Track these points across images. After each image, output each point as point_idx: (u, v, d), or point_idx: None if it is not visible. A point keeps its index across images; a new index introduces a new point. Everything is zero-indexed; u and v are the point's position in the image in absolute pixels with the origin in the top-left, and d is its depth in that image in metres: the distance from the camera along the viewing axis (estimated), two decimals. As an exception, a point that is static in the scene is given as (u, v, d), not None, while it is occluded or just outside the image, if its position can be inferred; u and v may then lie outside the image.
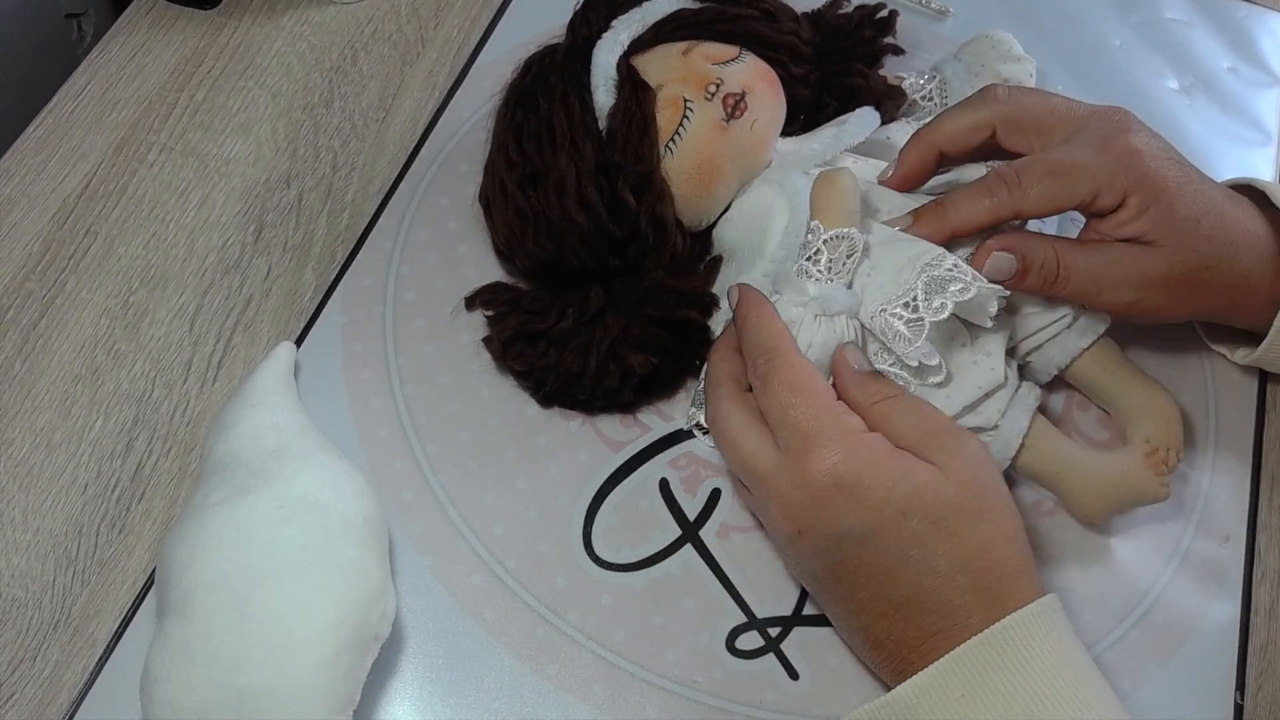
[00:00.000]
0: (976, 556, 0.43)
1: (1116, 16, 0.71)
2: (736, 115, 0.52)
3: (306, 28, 0.66)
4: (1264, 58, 0.70)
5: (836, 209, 0.48)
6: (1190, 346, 0.58)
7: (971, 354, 0.49)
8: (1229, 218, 0.50)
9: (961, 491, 0.43)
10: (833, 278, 0.48)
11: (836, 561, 0.44)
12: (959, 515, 0.43)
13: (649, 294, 0.51)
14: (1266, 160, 0.66)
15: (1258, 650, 0.51)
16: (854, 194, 0.48)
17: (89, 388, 0.53)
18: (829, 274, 0.48)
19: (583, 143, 0.51)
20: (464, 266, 0.57)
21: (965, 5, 0.70)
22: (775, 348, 0.46)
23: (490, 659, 0.48)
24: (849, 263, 0.48)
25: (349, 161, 0.61)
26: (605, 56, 0.53)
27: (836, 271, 0.48)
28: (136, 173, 0.60)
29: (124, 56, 0.64)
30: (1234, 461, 0.55)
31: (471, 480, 0.51)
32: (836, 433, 0.44)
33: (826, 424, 0.44)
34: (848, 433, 0.44)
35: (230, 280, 0.57)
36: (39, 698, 0.46)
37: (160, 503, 0.50)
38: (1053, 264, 0.48)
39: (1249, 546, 0.53)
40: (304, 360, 0.54)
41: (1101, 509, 0.50)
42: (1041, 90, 0.53)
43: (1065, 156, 0.49)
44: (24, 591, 0.48)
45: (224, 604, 0.42)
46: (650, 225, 0.51)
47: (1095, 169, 0.48)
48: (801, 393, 0.45)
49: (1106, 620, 0.50)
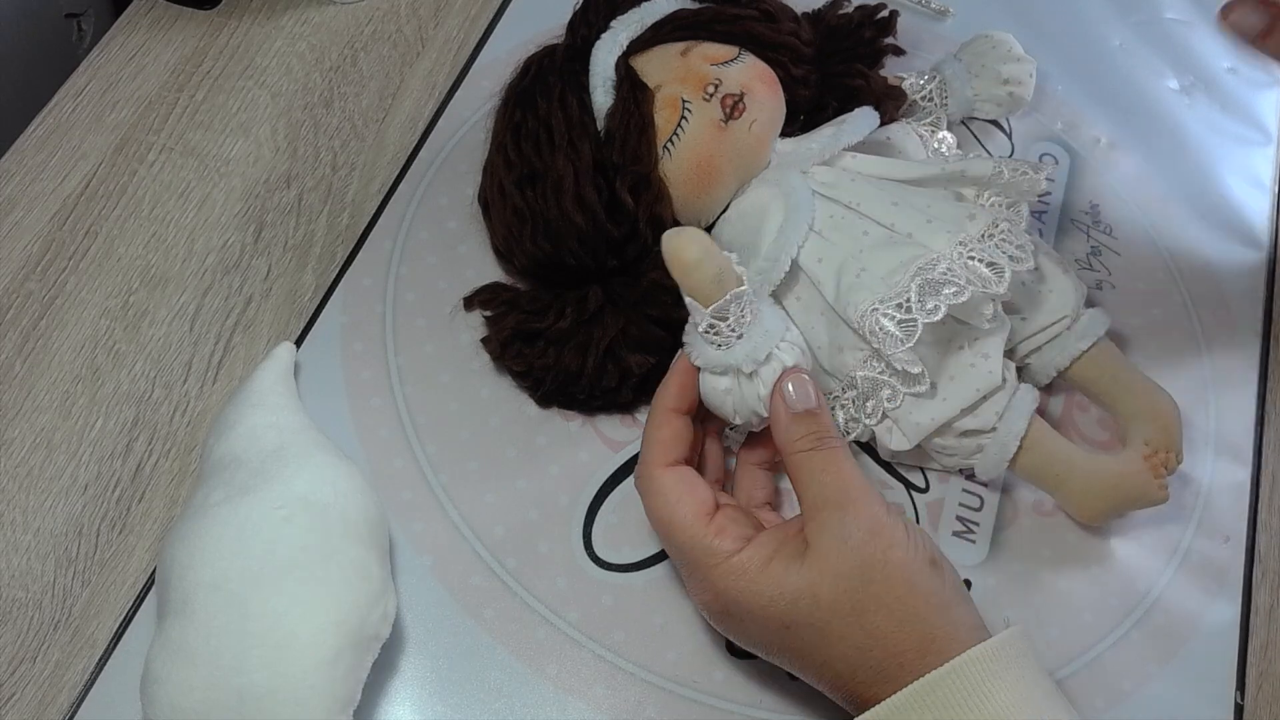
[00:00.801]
0: (870, 650, 0.41)
1: (1116, 16, 0.71)
2: (735, 116, 0.52)
3: (306, 28, 0.66)
4: (1264, 58, 0.70)
5: (701, 283, 0.45)
6: (1190, 348, 0.58)
7: (969, 356, 0.49)
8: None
9: (839, 589, 0.42)
10: (744, 330, 0.46)
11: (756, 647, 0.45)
12: (840, 617, 0.42)
13: (647, 294, 0.51)
14: (1266, 160, 0.66)
15: (1258, 650, 0.51)
16: (707, 258, 0.45)
17: (89, 388, 0.53)
18: (736, 333, 0.46)
19: (581, 143, 0.51)
20: (464, 266, 0.57)
21: (965, 5, 0.70)
22: (644, 461, 0.46)
23: (490, 659, 0.48)
24: (749, 308, 0.46)
25: (349, 161, 0.61)
26: (604, 57, 0.53)
27: (743, 324, 0.46)
28: (136, 173, 0.60)
29: (124, 56, 0.64)
30: (1234, 462, 0.55)
31: (471, 480, 0.51)
32: (706, 567, 0.44)
33: (696, 559, 0.44)
34: (717, 566, 0.43)
35: (230, 280, 0.57)
36: (39, 698, 0.46)
37: (160, 503, 0.50)
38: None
39: (1249, 546, 0.53)
40: (304, 360, 0.54)
41: (1101, 511, 0.50)
42: None
43: None
44: (24, 591, 0.48)
45: (224, 604, 0.42)
46: (648, 226, 0.51)
47: None
48: (667, 527, 0.45)
49: (1106, 620, 0.50)
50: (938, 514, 0.52)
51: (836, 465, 0.44)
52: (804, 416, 0.45)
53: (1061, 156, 0.64)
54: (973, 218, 0.49)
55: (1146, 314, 0.59)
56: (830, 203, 0.51)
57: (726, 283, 0.45)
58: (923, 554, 0.43)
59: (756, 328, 0.46)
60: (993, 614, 0.50)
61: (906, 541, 0.42)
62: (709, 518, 0.44)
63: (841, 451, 0.44)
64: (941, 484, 0.53)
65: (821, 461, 0.44)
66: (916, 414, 0.49)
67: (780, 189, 0.52)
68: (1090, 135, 0.65)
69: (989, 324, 0.49)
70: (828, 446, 0.44)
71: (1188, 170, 0.65)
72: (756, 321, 0.46)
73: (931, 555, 0.43)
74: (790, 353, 0.46)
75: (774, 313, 0.47)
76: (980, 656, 0.41)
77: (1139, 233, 0.62)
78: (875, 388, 0.50)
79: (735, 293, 0.45)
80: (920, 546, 0.43)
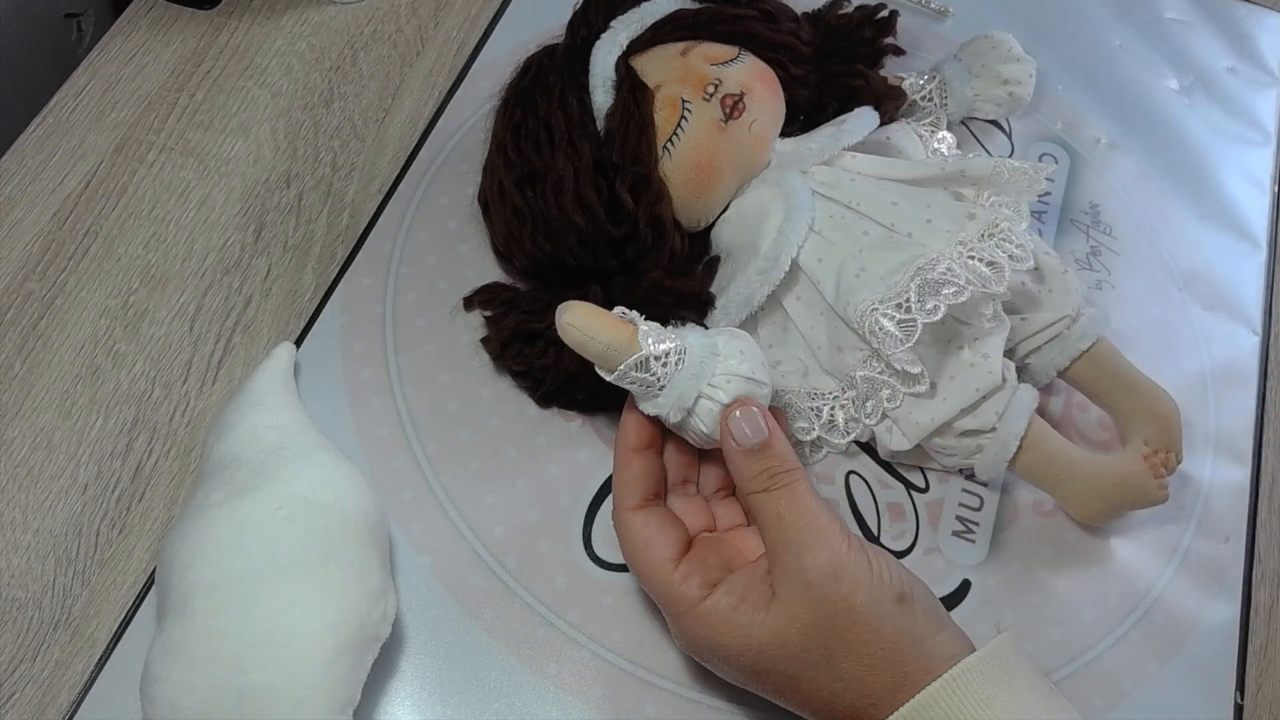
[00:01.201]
0: (843, 694, 0.41)
1: (1116, 16, 0.71)
2: (735, 116, 0.52)
3: (306, 28, 0.66)
4: (1264, 58, 0.70)
5: (596, 358, 0.45)
6: (1190, 348, 0.58)
7: (969, 356, 0.49)
8: None
9: (806, 638, 0.41)
10: (665, 382, 0.44)
11: None
12: (810, 665, 0.42)
13: (648, 294, 0.51)
14: (1266, 160, 0.66)
15: (1258, 650, 0.51)
16: (588, 340, 0.44)
17: (89, 388, 0.53)
18: (659, 384, 0.44)
19: (580, 143, 0.51)
20: (464, 266, 0.57)
21: (965, 5, 0.70)
22: (615, 504, 0.46)
23: (490, 659, 0.48)
24: (659, 364, 0.44)
25: (349, 161, 0.61)
26: (604, 57, 0.53)
27: (662, 377, 0.44)
28: (136, 173, 0.60)
29: (124, 56, 0.64)
30: (1234, 461, 0.55)
31: (471, 480, 0.51)
32: (675, 613, 0.44)
33: (667, 603, 0.44)
34: (685, 613, 0.43)
35: (230, 280, 0.57)
36: (39, 698, 0.46)
37: (160, 503, 0.50)
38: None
39: (1249, 546, 0.53)
40: (304, 360, 0.54)
41: (1100, 511, 0.51)
42: None
43: None
44: (24, 591, 0.48)
45: (224, 604, 0.42)
46: (648, 226, 0.51)
47: None
48: (637, 571, 0.45)
49: (1106, 620, 0.50)
50: (938, 514, 0.52)
51: (792, 504, 0.43)
52: (755, 453, 0.44)
53: (1061, 156, 0.64)
54: (972, 217, 0.49)
55: (1146, 314, 0.59)
56: (830, 202, 0.51)
57: (615, 357, 0.44)
58: (889, 592, 0.42)
59: (680, 375, 0.44)
60: (993, 614, 0.50)
61: (870, 582, 0.41)
62: (675, 563, 0.44)
63: (796, 488, 0.43)
64: (941, 484, 0.53)
65: (776, 503, 0.43)
66: (916, 414, 0.49)
67: (780, 189, 0.52)
68: (1090, 135, 0.65)
69: (989, 324, 0.49)
70: (780, 485, 0.43)
71: (1188, 170, 0.65)
72: (678, 369, 0.44)
73: (899, 590, 0.42)
74: (727, 387, 0.44)
75: (700, 348, 0.45)
76: (975, 666, 0.41)
77: (1139, 233, 0.62)
78: (875, 388, 0.50)
79: (628, 364, 0.44)
80: (886, 583, 0.42)
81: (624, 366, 0.44)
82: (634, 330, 0.45)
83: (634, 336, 0.44)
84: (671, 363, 0.44)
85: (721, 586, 0.43)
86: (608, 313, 0.45)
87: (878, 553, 0.43)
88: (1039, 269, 0.52)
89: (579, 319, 0.45)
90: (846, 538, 0.43)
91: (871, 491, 0.53)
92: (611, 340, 0.44)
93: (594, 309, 0.45)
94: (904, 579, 0.43)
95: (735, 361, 0.45)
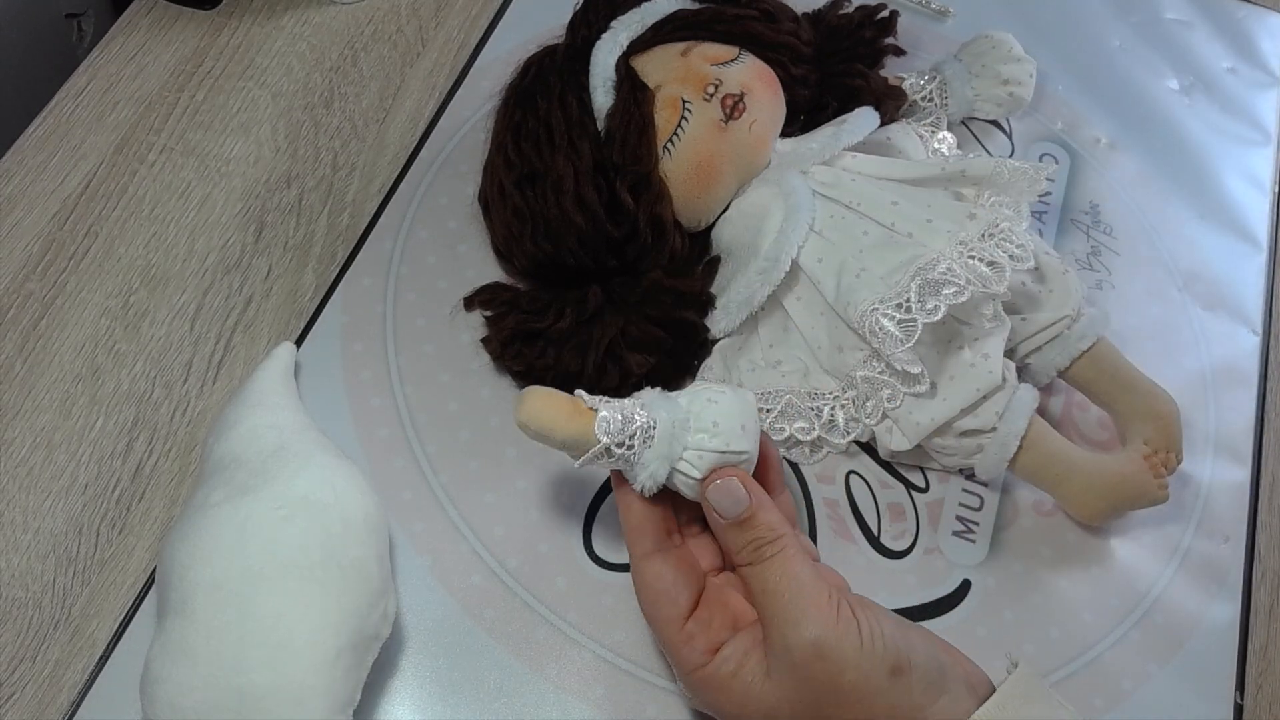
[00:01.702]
0: None
1: (1116, 16, 0.71)
2: (735, 116, 0.52)
3: (306, 28, 0.66)
4: (1264, 58, 0.70)
5: (562, 447, 0.43)
6: (1190, 348, 0.58)
7: (969, 356, 0.49)
8: None
9: (797, 715, 0.41)
10: (635, 461, 0.43)
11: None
12: None
13: (648, 294, 0.51)
14: (1266, 160, 0.66)
15: (1258, 650, 0.51)
16: (551, 433, 0.42)
17: (89, 388, 0.53)
18: (635, 456, 0.43)
19: (580, 143, 0.51)
20: (464, 266, 0.57)
21: (965, 5, 0.70)
22: (628, 549, 0.44)
23: (490, 659, 0.48)
24: (626, 447, 0.42)
25: (349, 161, 0.61)
26: (604, 57, 0.53)
27: (631, 457, 0.42)
28: (136, 173, 0.60)
29: (124, 56, 0.64)
30: (1234, 461, 0.55)
31: (471, 480, 0.51)
32: (680, 671, 0.43)
33: (673, 660, 0.44)
34: (688, 674, 0.43)
35: (230, 280, 0.57)
36: (39, 698, 0.46)
37: (160, 503, 0.50)
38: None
39: (1249, 546, 0.53)
40: (304, 360, 0.54)
41: (1100, 511, 0.51)
42: None
43: None
44: (24, 591, 0.48)
45: (224, 604, 0.42)
46: (648, 226, 0.51)
47: None
48: (648, 621, 0.45)
49: (1106, 620, 0.50)
50: (938, 514, 0.52)
51: (780, 576, 0.41)
52: (740, 526, 0.42)
53: (1061, 156, 0.64)
54: (973, 217, 0.49)
55: (1146, 314, 0.59)
56: (830, 203, 0.51)
57: (577, 448, 0.42)
58: (881, 665, 0.40)
59: (648, 454, 0.42)
60: (993, 613, 0.50)
61: (859, 657, 0.40)
62: (682, 622, 0.43)
63: (782, 559, 0.42)
64: (941, 484, 0.53)
65: (763, 576, 0.42)
66: (916, 414, 0.49)
67: (780, 189, 0.52)
68: (1090, 135, 0.65)
69: (989, 324, 0.49)
70: (767, 557, 0.42)
71: (1188, 170, 0.65)
72: (646, 447, 0.42)
73: (893, 662, 0.40)
74: (698, 463, 0.42)
75: (668, 424, 0.43)
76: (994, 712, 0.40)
77: (1139, 233, 0.62)
78: (875, 388, 0.50)
79: (589, 455, 0.42)
80: (878, 655, 0.40)
81: (586, 457, 0.42)
82: (592, 418, 0.42)
83: (593, 426, 0.42)
84: (638, 444, 0.42)
85: (723, 651, 0.42)
86: (565, 400, 0.43)
87: (874, 617, 0.41)
88: (1039, 269, 0.52)
89: (535, 415, 0.42)
90: (837, 607, 0.41)
91: (871, 491, 0.53)
92: (571, 434, 0.42)
93: (550, 399, 0.43)
94: (900, 646, 0.41)
95: (705, 436, 0.43)
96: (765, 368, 0.52)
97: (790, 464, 0.53)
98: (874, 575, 0.51)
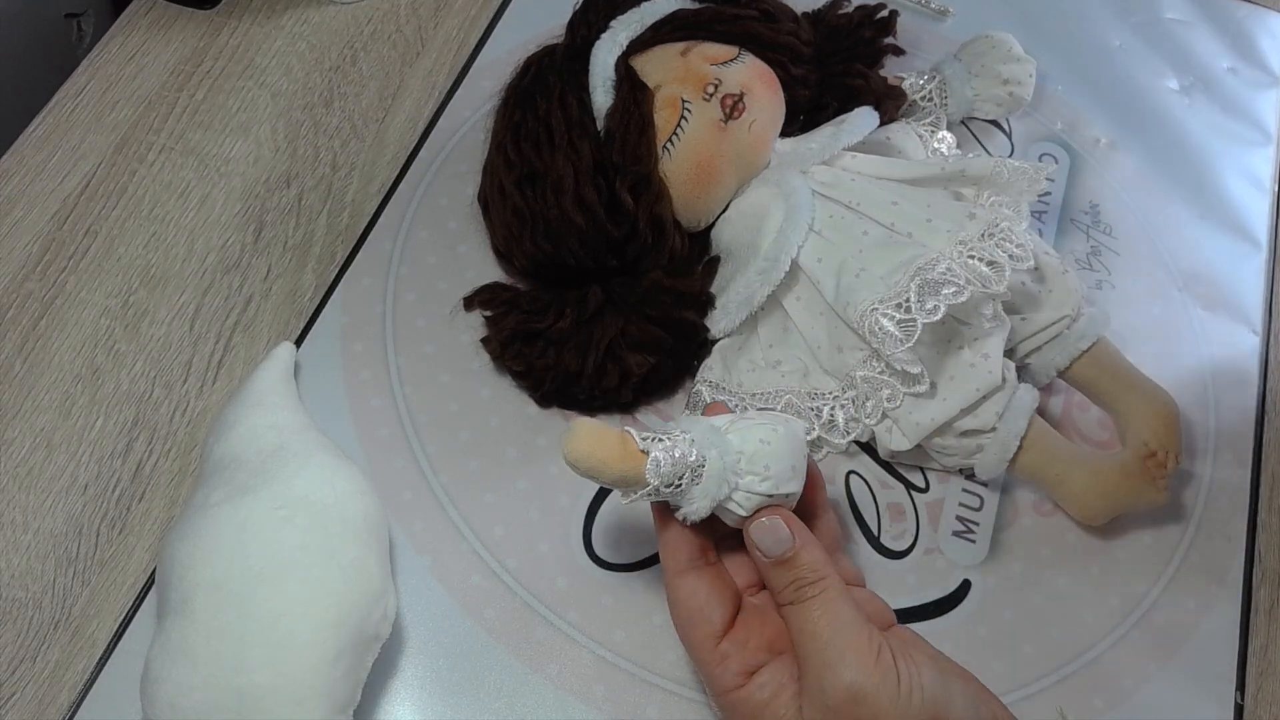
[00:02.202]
0: None
1: (1116, 16, 0.71)
2: (735, 116, 0.52)
3: (306, 28, 0.66)
4: (1264, 58, 0.70)
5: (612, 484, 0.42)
6: (1190, 348, 0.58)
7: (969, 356, 0.49)
8: None
9: None
10: (689, 488, 0.42)
11: None
12: None
13: (648, 294, 0.51)
14: (1266, 160, 0.66)
15: (1258, 650, 0.51)
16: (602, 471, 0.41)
17: (89, 388, 0.53)
18: (682, 494, 0.42)
19: (580, 143, 0.51)
20: (464, 266, 0.57)
21: (965, 5, 0.70)
22: (662, 564, 0.44)
23: (490, 659, 0.48)
24: (677, 486, 0.41)
25: (349, 161, 0.61)
26: (604, 57, 0.53)
27: (687, 487, 0.42)
28: (136, 173, 0.60)
29: (124, 56, 0.64)
30: (1234, 461, 0.55)
31: (471, 480, 0.51)
32: (713, 691, 0.43)
33: (706, 680, 0.43)
34: (720, 694, 0.42)
35: (230, 280, 0.57)
36: (39, 698, 0.46)
37: (160, 503, 0.50)
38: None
39: (1249, 546, 0.53)
40: (304, 360, 0.54)
41: (1100, 511, 0.51)
42: None
43: None
44: (24, 591, 0.48)
45: (224, 604, 0.42)
46: (648, 226, 0.51)
47: None
48: (681, 639, 0.44)
49: (1106, 620, 0.50)
50: (938, 514, 0.52)
51: (822, 617, 0.41)
52: (782, 565, 0.42)
53: (1061, 156, 0.64)
54: (973, 217, 0.49)
55: (1146, 314, 0.59)
56: (830, 202, 0.51)
57: (628, 486, 0.42)
58: (917, 716, 0.39)
59: (696, 490, 0.42)
60: (993, 613, 0.50)
61: (895, 705, 0.39)
62: (717, 640, 0.42)
63: (824, 599, 0.41)
64: (941, 484, 0.53)
65: (804, 616, 0.41)
66: (916, 414, 0.49)
67: (780, 189, 0.52)
68: (1090, 135, 0.65)
69: (989, 324, 0.49)
70: (808, 597, 0.41)
71: (1188, 170, 0.65)
72: (694, 484, 0.42)
73: (930, 713, 0.39)
74: (746, 504, 0.42)
75: (719, 467, 0.42)
76: None
77: (1139, 233, 0.62)
78: (875, 388, 0.50)
79: (641, 494, 0.42)
80: (915, 705, 0.39)
81: (636, 498, 0.42)
82: (643, 460, 0.41)
83: (643, 466, 0.41)
84: (686, 482, 0.42)
85: (758, 677, 0.42)
86: (615, 439, 0.42)
87: (915, 665, 0.40)
88: (1039, 269, 0.52)
89: (586, 455, 0.41)
90: (877, 652, 0.40)
91: (871, 491, 0.53)
92: (622, 473, 0.41)
93: (600, 438, 0.41)
94: (939, 698, 0.40)
95: (756, 480, 0.42)
96: (765, 367, 0.52)
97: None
98: (874, 575, 0.51)
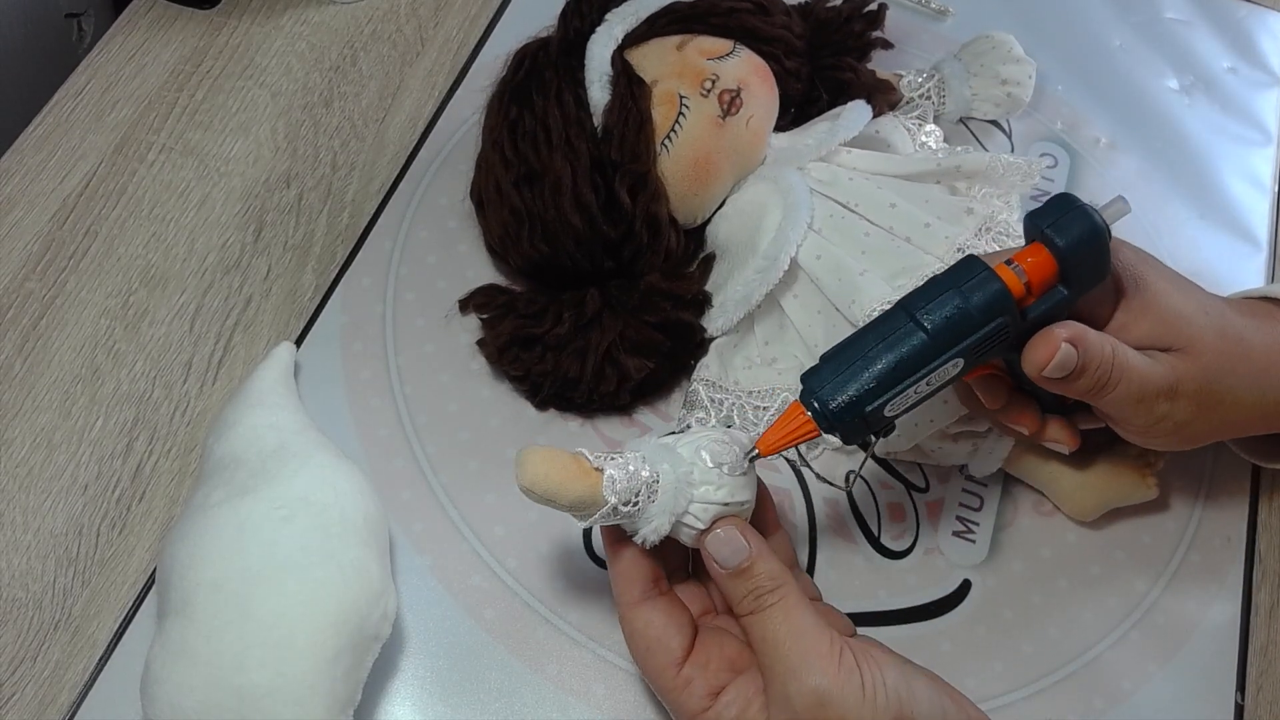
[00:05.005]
0: None
1: (1116, 16, 0.71)
2: (732, 112, 0.51)
3: (306, 28, 0.66)
4: (1264, 58, 0.70)
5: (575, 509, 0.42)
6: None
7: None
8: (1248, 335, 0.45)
9: None
10: (646, 506, 0.42)
11: None
12: None
13: (645, 299, 0.51)
14: (1266, 160, 0.66)
15: (1258, 651, 0.51)
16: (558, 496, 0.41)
17: (89, 388, 0.53)
18: (640, 512, 0.42)
19: (578, 141, 0.51)
20: (464, 266, 0.57)
21: (965, 5, 0.70)
22: (615, 599, 0.44)
23: (490, 659, 0.48)
24: (631, 506, 0.41)
25: (349, 161, 0.61)
26: (599, 51, 0.53)
27: (644, 504, 0.42)
28: (136, 172, 0.60)
29: (124, 56, 0.64)
30: (1234, 462, 0.55)
31: (471, 480, 0.51)
32: (683, 716, 0.42)
33: (672, 708, 0.43)
34: (692, 717, 0.42)
35: (230, 280, 0.57)
36: (39, 697, 0.46)
37: (160, 503, 0.50)
38: (1107, 369, 0.43)
39: (1249, 547, 0.53)
40: (304, 360, 0.54)
41: (1092, 507, 0.51)
42: None
43: None
44: (24, 591, 0.48)
45: (224, 604, 0.42)
46: (644, 225, 0.51)
47: None
48: (641, 670, 0.44)
49: (1106, 620, 0.50)
50: (938, 514, 0.52)
51: (779, 624, 0.41)
52: (739, 575, 0.42)
53: (1061, 156, 0.64)
54: (970, 212, 0.49)
55: (1146, 314, 0.59)
56: (829, 201, 0.51)
57: (584, 509, 0.41)
58: (883, 716, 0.39)
59: (653, 508, 0.42)
60: (993, 613, 0.50)
61: (860, 708, 0.39)
62: (678, 667, 0.42)
63: (783, 608, 0.41)
64: (941, 484, 0.53)
65: (764, 625, 0.41)
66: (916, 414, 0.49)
67: (778, 185, 0.52)
68: (1090, 135, 0.65)
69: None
70: (767, 605, 0.41)
71: (1188, 170, 0.65)
72: (651, 502, 0.42)
73: (896, 714, 0.39)
74: (703, 515, 0.42)
75: (674, 479, 0.42)
76: None
77: (1139, 232, 0.62)
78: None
79: (599, 515, 0.41)
80: (880, 706, 0.39)
81: (595, 519, 0.42)
82: (599, 478, 0.41)
83: (599, 486, 0.41)
84: (643, 499, 0.41)
85: (724, 696, 0.42)
86: (568, 460, 0.42)
87: (877, 665, 0.40)
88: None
89: (540, 479, 0.41)
90: (839, 655, 0.40)
91: (871, 491, 0.53)
92: (579, 495, 0.41)
93: (552, 460, 0.41)
94: (903, 696, 0.40)
95: (710, 489, 0.42)
96: (760, 365, 0.52)
97: (790, 464, 0.53)
98: (874, 575, 0.51)
